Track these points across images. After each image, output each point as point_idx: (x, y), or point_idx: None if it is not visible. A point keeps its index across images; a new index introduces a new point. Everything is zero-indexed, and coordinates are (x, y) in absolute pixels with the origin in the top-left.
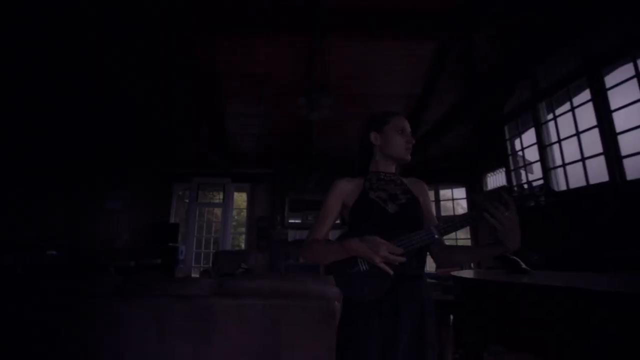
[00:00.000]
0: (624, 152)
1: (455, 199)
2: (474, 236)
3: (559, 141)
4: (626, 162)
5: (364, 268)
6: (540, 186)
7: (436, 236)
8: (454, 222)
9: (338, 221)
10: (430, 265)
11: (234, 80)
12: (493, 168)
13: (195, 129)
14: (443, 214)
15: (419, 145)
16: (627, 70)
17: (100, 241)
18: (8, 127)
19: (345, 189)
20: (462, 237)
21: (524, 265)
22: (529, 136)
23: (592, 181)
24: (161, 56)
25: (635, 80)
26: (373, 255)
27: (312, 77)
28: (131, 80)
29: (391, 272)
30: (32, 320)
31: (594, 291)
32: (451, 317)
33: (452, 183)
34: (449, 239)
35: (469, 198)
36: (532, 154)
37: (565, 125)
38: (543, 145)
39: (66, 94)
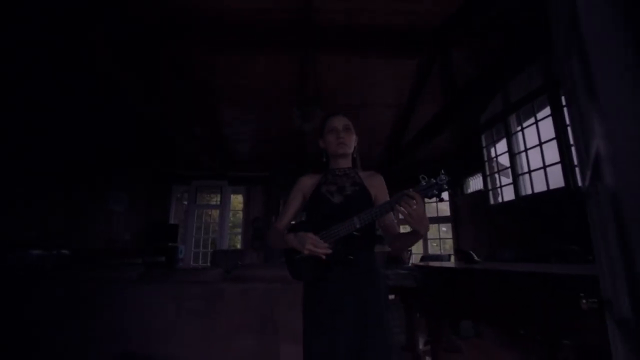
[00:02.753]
0: (576, 161)
1: (439, 201)
2: (456, 235)
3: (526, 150)
4: (578, 170)
5: (304, 255)
6: (442, 178)
7: (357, 225)
8: (373, 211)
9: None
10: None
11: (232, 88)
12: (473, 173)
13: (193, 133)
14: (428, 215)
15: (405, 150)
16: None
17: (105, 240)
18: (8, 127)
19: (305, 184)
20: (445, 237)
21: (476, 258)
22: (503, 145)
23: (552, 186)
24: (161, 59)
25: None
26: (301, 249)
27: (305, 90)
28: (131, 82)
29: (323, 257)
30: (75, 302)
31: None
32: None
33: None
34: (434, 237)
35: (451, 200)
36: (506, 161)
37: (531, 136)
38: (513, 154)
39: (66, 94)
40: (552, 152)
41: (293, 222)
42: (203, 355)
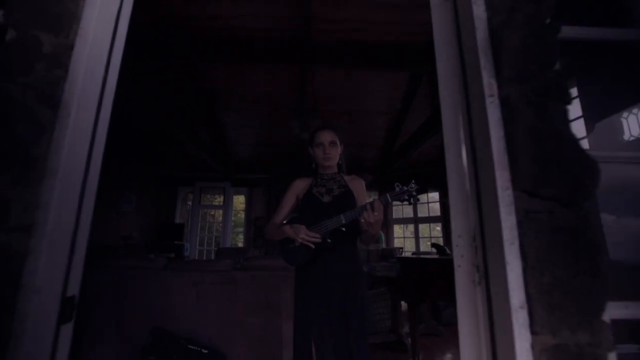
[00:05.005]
0: None
1: (430, 202)
2: (445, 234)
3: None
4: None
5: (297, 244)
6: (412, 185)
7: (343, 221)
8: (355, 211)
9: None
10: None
11: (235, 97)
12: None
13: (198, 138)
14: (420, 215)
15: (398, 153)
16: None
17: (116, 239)
18: None
19: (299, 186)
20: (436, 235)
21: (448, 250)
22: None
23: None
24: (169, 69)
25: None
26: (296, 237)
27: (303, 101)
28: (140, 90)
29: (312, 246)
30: (110, 285)
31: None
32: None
33: (427, 187)
34: (427, 236)
35: (441, 201)
36: None
37: None
38: None
39: None
40: None
41: (285, 222)
42: (219, 331)
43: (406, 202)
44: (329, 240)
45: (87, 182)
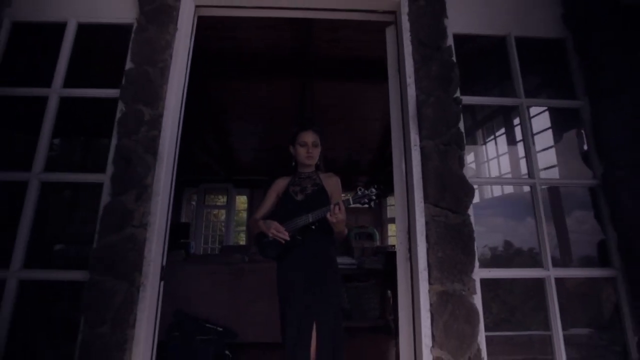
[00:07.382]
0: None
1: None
2: None
3: (487, 161)
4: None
5: (270, 239)
6: (372, 190)
7: (310, 220)
8: (322, 210)
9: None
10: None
11: (239, 106)
12: None
13: (204, 142)
14: None
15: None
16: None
17: None
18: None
19: (279, 185)
20: None
21: None
22: (471, 156)
23: (506, 192)
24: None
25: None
26: (267, 232)
27: (303, 109)
28: None
29: (283, 242)
30: None
31: None
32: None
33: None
34: None
35: None
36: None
37: (491, 149)
38: (478, 163)
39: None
40: (505, 166)
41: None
42: (229, 314)
43: (366, 205)
44: (298, 237)
45: (170, 199)
